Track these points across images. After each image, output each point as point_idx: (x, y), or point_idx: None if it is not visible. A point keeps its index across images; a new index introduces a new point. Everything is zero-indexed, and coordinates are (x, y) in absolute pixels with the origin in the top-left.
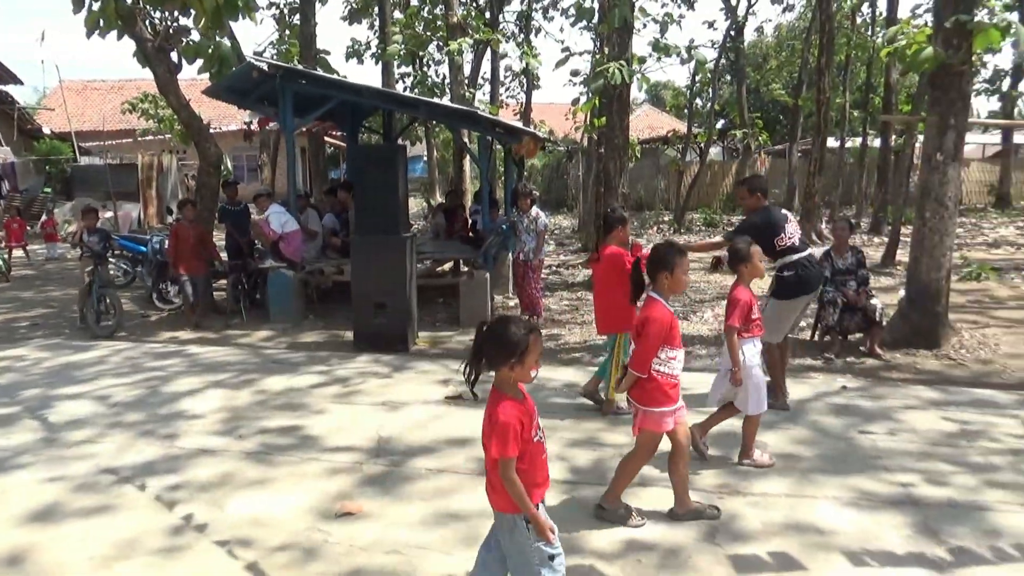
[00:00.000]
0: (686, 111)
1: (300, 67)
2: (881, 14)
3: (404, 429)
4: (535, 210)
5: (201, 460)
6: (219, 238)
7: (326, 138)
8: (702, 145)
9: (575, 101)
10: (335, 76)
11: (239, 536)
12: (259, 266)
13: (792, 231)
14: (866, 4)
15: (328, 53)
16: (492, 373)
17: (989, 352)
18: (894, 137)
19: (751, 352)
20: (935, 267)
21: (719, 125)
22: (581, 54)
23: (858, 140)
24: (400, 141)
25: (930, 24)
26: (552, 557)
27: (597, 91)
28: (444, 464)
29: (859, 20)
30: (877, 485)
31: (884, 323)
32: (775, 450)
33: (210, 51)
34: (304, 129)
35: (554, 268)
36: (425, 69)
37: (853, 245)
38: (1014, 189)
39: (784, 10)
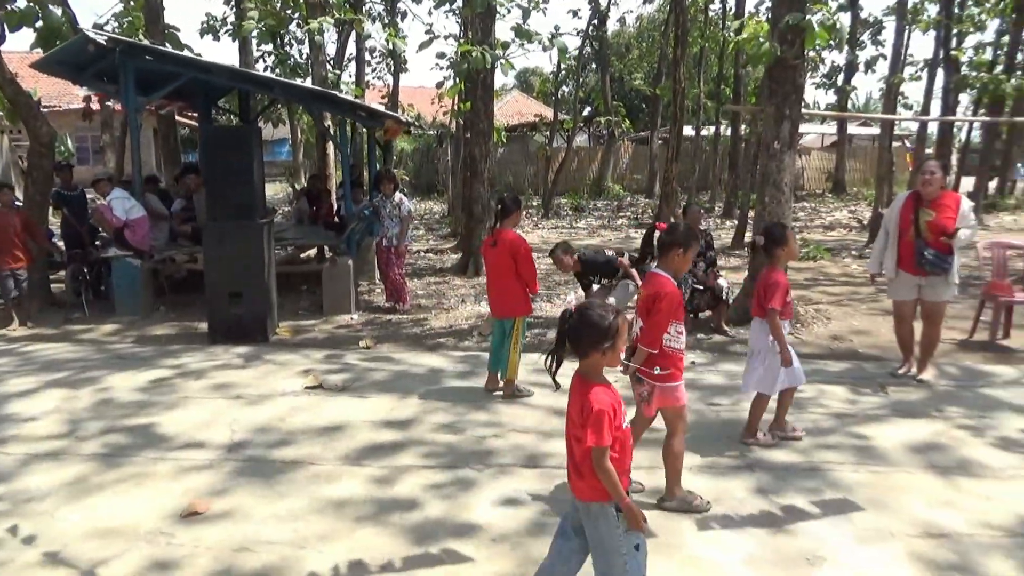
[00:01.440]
0: (553, 98)
1: (145, 42)
2: (731, 10)
3: (262, 422)
4: (398, 195)
5: (33, 466)
6: (57, 225)
7: (179, 118)
8: (569, 131)
9: (439, 84)
10: (184, 52)
11: (71, 547)
12: (102, 255)
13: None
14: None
15: (178, 29)
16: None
17: (823, 326)
18: (744, 126)
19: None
20: None
21: (585, 112)
22: (446, 37)
23: (713, 129)
24: (261, 123)
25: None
26: (637, 547)
27: (461, 75)
28: (304, 456)
29: (712, 14)
30: (723, 453)
31: (731, 301)
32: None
33: (38, 20)
34: (152, 108)
35: (422, 253)
36: (287, 48)
37: (703, 228)
38: (848, 176)
39: (644, 1)
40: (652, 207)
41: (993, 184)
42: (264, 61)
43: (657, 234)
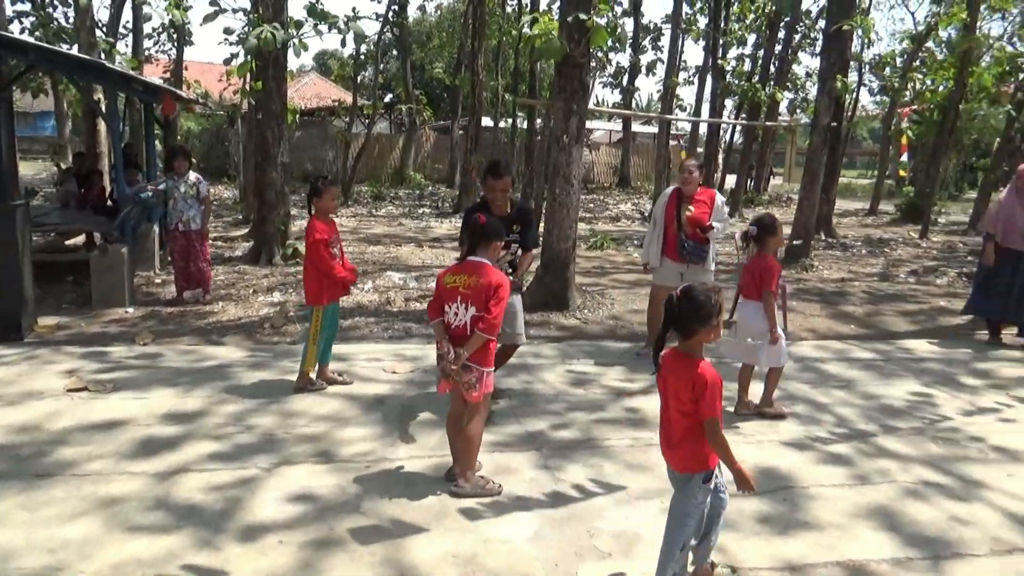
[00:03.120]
0: (353, 82)
1: None
2: (526, 6)
3: (14, 428)
4: (194, 175)
5: None
6: None
7: None
8: (369, 117)
9: (227, 61)
10: None
11: None
12: None
13: None
14: None
15: None
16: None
17: (607, 310)
18: (539, 120)
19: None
20: (563, 238)
21: (386, 99)
22: (236, 12)
23: (511, 121)
24: (19, 93)
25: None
26: (699, 517)
27: (251, 52)
28: (67, 461)
29: (509, 9)
30: (511, 433)
31: (525, 288)
32: (431, 409)
33: None
34: None
35: (212, 241)
36: (50, 10)
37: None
38: (632, 171)
39: None
40: (452, 197)
41: (751, 181)
42: (21, 23)
43: (478, 225)
